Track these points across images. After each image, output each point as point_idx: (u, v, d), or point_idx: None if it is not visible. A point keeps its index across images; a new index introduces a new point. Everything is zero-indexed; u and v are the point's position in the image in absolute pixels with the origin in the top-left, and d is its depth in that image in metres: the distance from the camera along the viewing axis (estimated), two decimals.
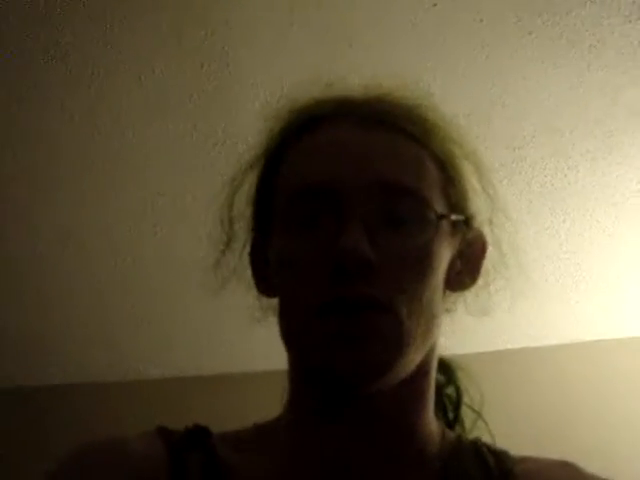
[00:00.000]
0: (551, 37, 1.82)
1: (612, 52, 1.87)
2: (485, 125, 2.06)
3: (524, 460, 0.80)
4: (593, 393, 2.92)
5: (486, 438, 0.85)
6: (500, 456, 0.81)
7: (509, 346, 2.96)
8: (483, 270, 0.84)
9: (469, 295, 0.85)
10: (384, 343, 0.73)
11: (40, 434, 2.86)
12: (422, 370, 0.78)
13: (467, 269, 0.83)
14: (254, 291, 0.85)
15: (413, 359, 0.76)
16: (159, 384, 2.99)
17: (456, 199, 0.80)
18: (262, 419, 0.85)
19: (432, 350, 0.80)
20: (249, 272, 0.85)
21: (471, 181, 0.82)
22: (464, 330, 0.88)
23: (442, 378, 0.89)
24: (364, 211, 0.74)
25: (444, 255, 0.78)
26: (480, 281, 0.84)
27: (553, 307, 2.79)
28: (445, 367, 0.90)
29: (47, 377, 2.96)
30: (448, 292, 0.82)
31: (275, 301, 0.82)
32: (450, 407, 0.89)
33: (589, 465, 0.80)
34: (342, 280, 0.72)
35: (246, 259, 0.85)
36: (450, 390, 0.88)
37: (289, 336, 0.78)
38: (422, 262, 0.76)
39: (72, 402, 2.98)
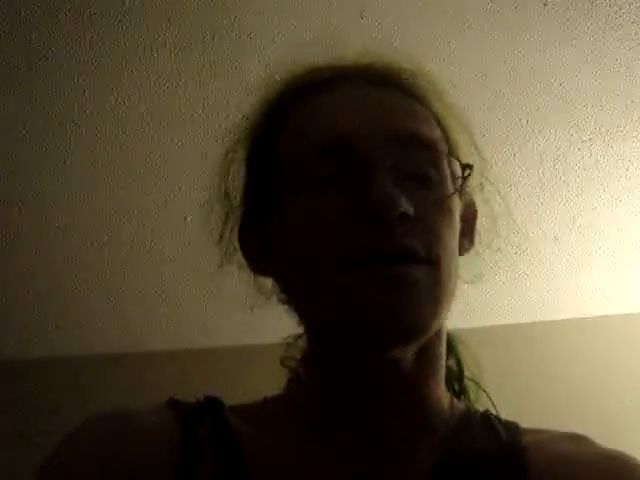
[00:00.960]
0: (566, 7, 1.80)
1: (628, 23, 1.85)
2: (498, 96, 2.04)
3: (534, 432, 0.80)
4: (603, 368, 2.92)
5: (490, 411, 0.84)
6: (510, 427, 0.80)
7: (518, 320, 2.96)
8: (476, 235, 0.83)
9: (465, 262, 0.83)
10: (424, 297, 0.70)
11: (25, 406, 2.88)
12: (439, 333, 0.77)
13: (465, 232, 0.81)
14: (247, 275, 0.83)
15: (445, 316, 0.75)
16: (152, 357, 2.99)
17: (456, 164, 0.79)
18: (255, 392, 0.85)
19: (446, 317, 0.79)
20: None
21: (465, 147, 0.81)
22: (469, 304, 0.87)
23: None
24: (388, 164, 0.72)
25: (458, 213, 0.78)
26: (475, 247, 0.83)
27: (565, 281, 2.78)
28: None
29: (26, 351, 2.96)
30: None
31: (269, 282, 0.81)
32: (454, 379, 0.88)
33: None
34: (379, 232, 0.70)
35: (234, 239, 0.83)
36: (451, 362, 0.87)
37: (312, 295, 0.74)
38: (448, 215, 0.75)
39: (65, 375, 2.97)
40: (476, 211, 0.84)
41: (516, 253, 0.84)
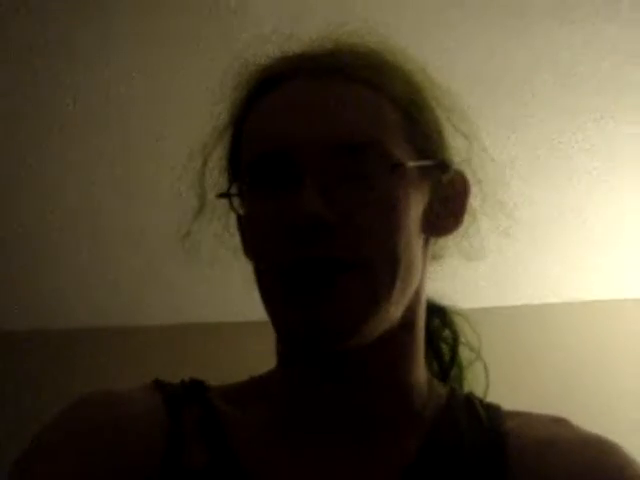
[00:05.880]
0: None
1: (627, 8, 1.84)
2: (494, 80, 2.04)
3: (516, 415, 0.81)
4: (592, 354, 2.93)
5: (482, 385, 0.85)
6: (492, 410, 0.81)
7: (512, 303, 2.97)
8: (468, 211, 0.82)
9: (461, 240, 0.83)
10: (354, 301, 0.72)
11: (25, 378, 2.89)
12: (407, 324, 0.78)
13: (448, 211, 0.81)
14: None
15: (392, 312, 0.75)
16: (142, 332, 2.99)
17: (423, 143, 0.78)
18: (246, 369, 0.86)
19: (417, 303, 0.79)
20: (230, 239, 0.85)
21: (442, 122, 0.80)
22: (467, 285, 0.87)
23: (437, 322, 0.89)
24: (319, 170, 0.73)
25: (412, 200, 0.76)
26: (468, 223, 0.82)
27: (556, 265, 2.78)
28: (440, 311, 0.89)
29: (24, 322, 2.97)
30: (434, 239, 0.81)
31: None
32: (446, 350, 0.88)
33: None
34: (300, 242, 0.71)
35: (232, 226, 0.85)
36: (446, 333, 0.87)
37: (261, 299, 0.78)
38: (388, 211, 0.74)
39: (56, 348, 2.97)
40: (467, 186, 0.82)
41: (505, 236, 0.84)
